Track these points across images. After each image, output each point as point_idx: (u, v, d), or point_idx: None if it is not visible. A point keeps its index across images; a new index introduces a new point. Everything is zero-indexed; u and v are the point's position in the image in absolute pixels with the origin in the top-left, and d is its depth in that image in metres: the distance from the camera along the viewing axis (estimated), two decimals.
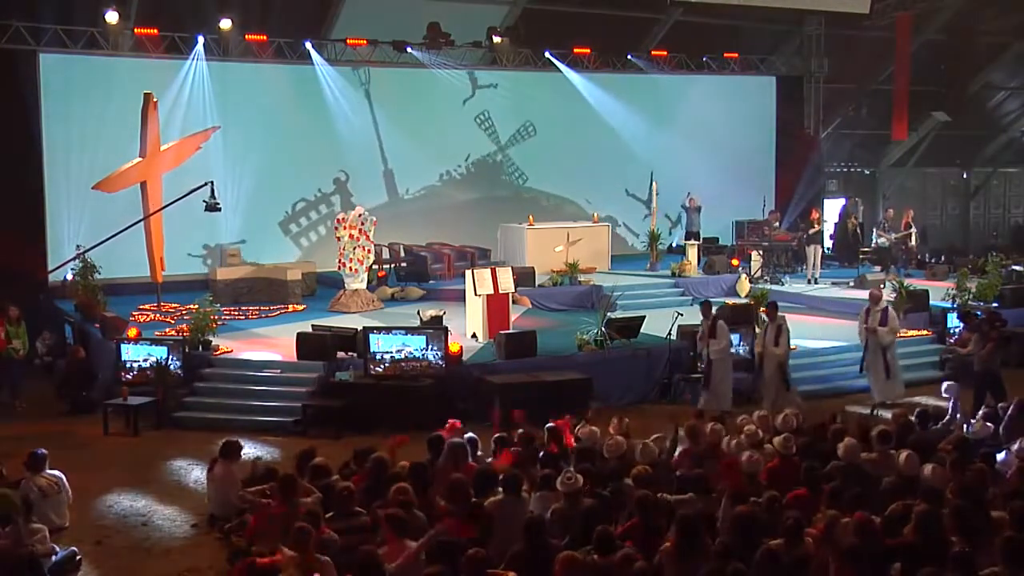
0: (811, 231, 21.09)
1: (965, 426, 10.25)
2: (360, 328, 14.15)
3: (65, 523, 9.33)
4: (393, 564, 6.58)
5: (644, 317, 15.52)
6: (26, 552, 7.54)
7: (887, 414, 11.75)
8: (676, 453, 9.42)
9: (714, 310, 13.89)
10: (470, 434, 9.77)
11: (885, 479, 8.25)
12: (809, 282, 20.62)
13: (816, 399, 13.99)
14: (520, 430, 9.81)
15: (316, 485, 8.24)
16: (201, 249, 20.63)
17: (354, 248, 17.73)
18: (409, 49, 21.54)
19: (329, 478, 8.43)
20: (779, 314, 13.62)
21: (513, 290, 16.15)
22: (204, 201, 15.94)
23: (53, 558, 8.15)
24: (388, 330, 13.81)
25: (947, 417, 10.53)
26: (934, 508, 6.88)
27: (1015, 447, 9.15)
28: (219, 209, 16.43)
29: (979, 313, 15.28)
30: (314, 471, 8.53)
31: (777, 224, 22.34)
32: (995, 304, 17.26)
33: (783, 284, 20.41)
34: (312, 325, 15.16)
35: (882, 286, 19.50)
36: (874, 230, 23.43)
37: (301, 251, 21.86)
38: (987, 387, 12.86)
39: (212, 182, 16.05)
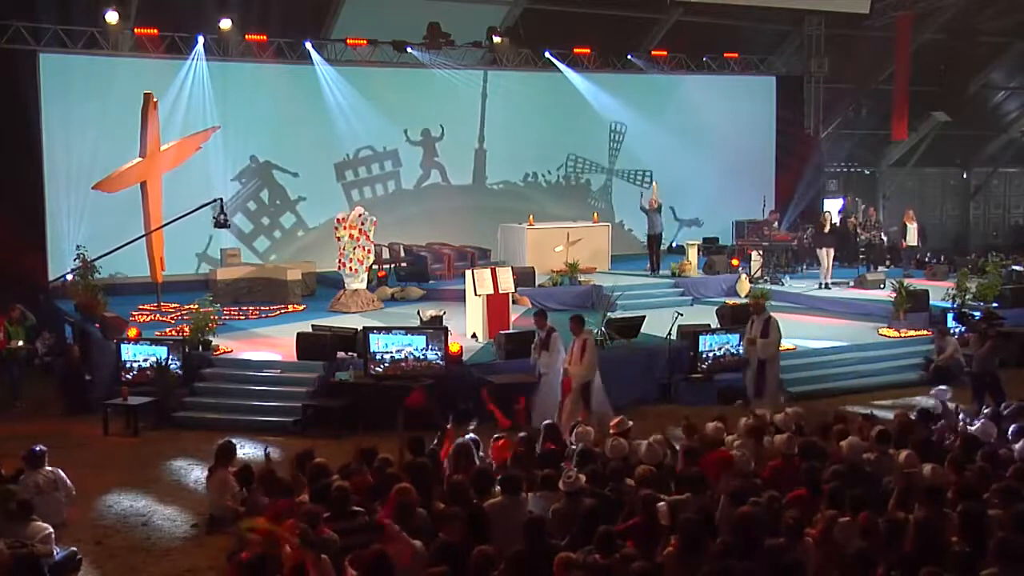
0: (822, 231, 20.55)
1: (967, 426, 10.23)
2: (360, 328, 14.14)
3: (60, 520, 9.30)
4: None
5: (644, 317, 15.53)
6: (26, 552, 7.54)
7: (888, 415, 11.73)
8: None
9: (549, 320, 12.90)
10: (472, 435, 9.75)
11: (884, 479, 8.24)
12: (821, 286, 19.94)
13: (815, 399, 13.99)
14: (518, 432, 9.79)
15: (316, 485, 8.22)
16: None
17: (354, 248, 17.74)
18: (409, 49, 21.55)
19: (329, 478, 8.41)
20: (585, 328, 12.56)
21: (513, 290, 16.15)
22: (213, 218, 15.96)
23: (55, 556, 8.15)
24: (388, 330, 13.80)
25: (942, 421, 10.48)
26: (933, 513, 6.86)
27: (1017, 446, 9.15)
28: (228, 226, 16.41)
29: (975, 314, 15.35)
30: (314, 471, 8.52)
31: (777, 224, 22.32)
32: (995, 304, 17.28)
33: (783, 284, 20.40)
34: (312, 325, 15.17)
35: (882, 286, 19.63)
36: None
37: (349, 205, 21.39)
38: (986, 387, 12.85)
39: (221, 199, 16.12)
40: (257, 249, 21.50)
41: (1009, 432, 9.55)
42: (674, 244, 23.87)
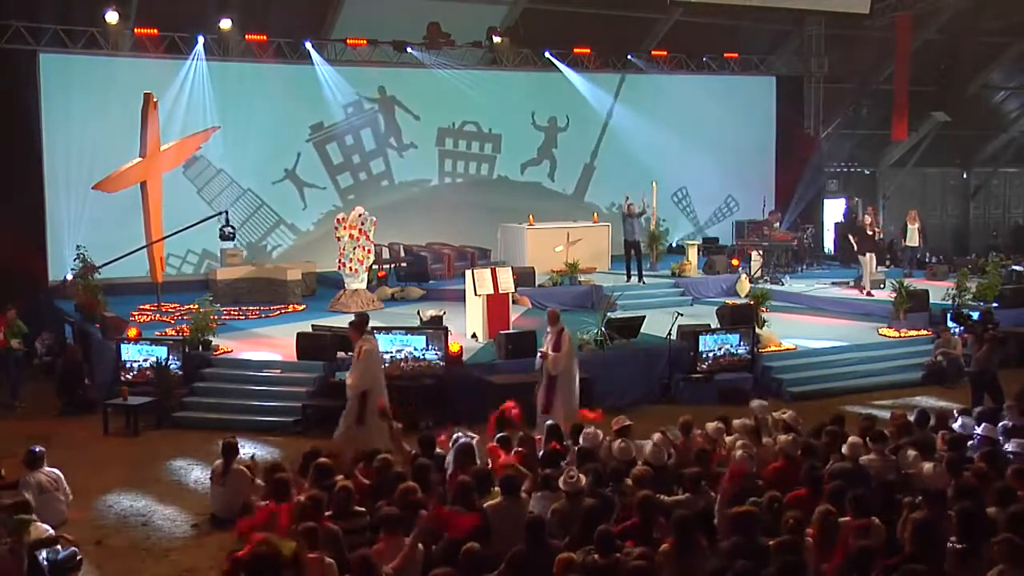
0: (865, 236, 19.93)
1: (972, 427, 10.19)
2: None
3: (62, 521, 9.30)
4: (390, 565, 6.59)
5: (644, 317, 15.53)
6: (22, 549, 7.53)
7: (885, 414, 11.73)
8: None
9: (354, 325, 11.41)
10: (472, 435, 9.73)
11: (879, 480, 8.23)
12: (865, 293, 19.33)
13: (815, 399, 14.01)
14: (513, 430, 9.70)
15: (320, 485, 8.22)
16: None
17: (354, 248, 17.74)
18: (409, 49, 21.55)
19: (333, 478, 8.41)
20: (365, 336, 11.20)
21: (513, 290, 16.14)
22: (220, 229, 15.92)
23: (59, 553, 8.15)
24: (388, 330, 13.81)
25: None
26: (931, 514, 6.85)
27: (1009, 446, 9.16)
28: (233, 238, 16.38)
29: (972, 315, 15.36)
30: (318, 471, 8.52)
31: (777, 224, 22.33)
32: (995, 304, 17.28)
33: (783, 284, 20.40)
34: (312, 325, 15.17)
35: (882, 286, 19.62)
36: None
37: (437, 177, 22.55)
38: (985, 388, 12.83)
39: (227, 211, 16.08)
40: (340, 184, 22.02)
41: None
42: (674, 244, 23.85)
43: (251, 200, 21.04)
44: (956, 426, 9.78)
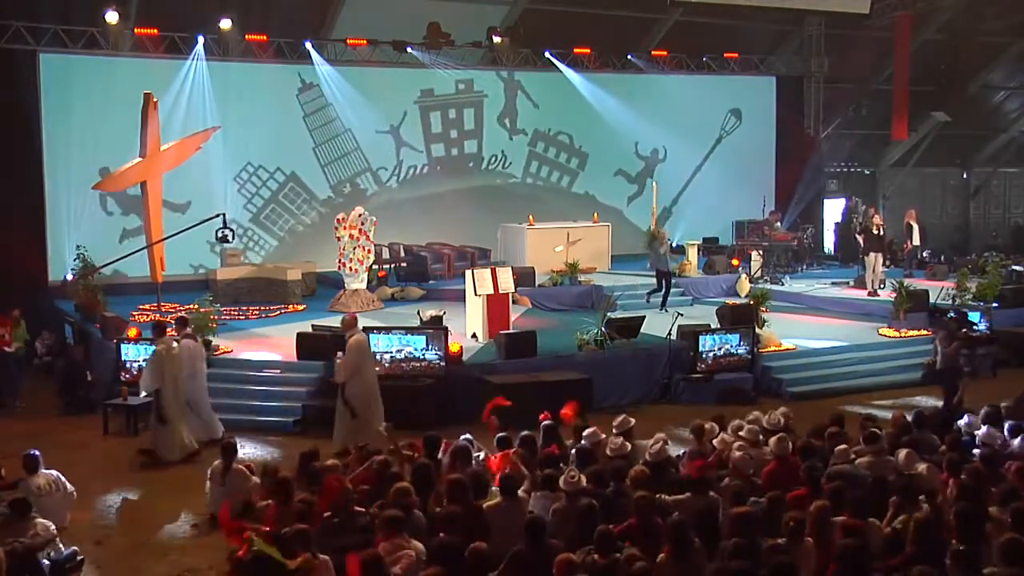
0: (872, 236, 19.64)
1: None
2: (360, 328, 14.13)
3: (65, 523, 9.30)
4: (398, 566, 6.59)
5: (644, 317, 15.54)
6: (20, 547, 7.54)
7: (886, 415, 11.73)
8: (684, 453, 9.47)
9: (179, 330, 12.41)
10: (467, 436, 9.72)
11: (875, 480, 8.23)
12: (870, 293, 19.20)
13: (815, 399, 14.01)
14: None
15: (316, 487, 8.23)
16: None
17: (354, 248, 17.74)
18: (409, 49, 21.55)
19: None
20: (161, 339, 11.96)
21: (513, 290, 16.15)
22: (216, 231, 15.94)
23: (62, 550, 8.15)
24: (388, 330, 13.82)
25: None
26: (932, 515, 6.86)
27: (1015, 442, 9.15)
28: (229, 241, 16.42)
29: (951, 313, 15.42)
30: (314, 473, 8.52)
31: (777, 224, 22.32)
32: (995, 304, 17.28)
33: (783, 284, 20.39)
34: (312, 325, 15.16)
35: (882, 286, 19.59)
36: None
37: (521, 171, 23.39)
38: (953, 386, 12.85)
39: (224, 214, 16.14)
40: (432, 153, 22.73)
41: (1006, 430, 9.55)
42: (674, 244, 23.85)
43: (347, 140, 21.68)
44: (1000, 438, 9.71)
